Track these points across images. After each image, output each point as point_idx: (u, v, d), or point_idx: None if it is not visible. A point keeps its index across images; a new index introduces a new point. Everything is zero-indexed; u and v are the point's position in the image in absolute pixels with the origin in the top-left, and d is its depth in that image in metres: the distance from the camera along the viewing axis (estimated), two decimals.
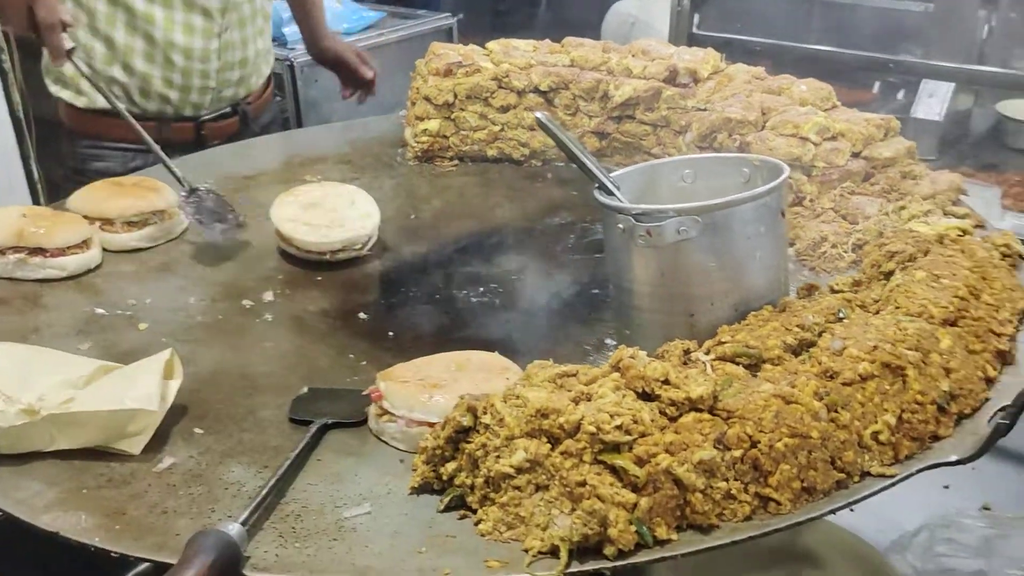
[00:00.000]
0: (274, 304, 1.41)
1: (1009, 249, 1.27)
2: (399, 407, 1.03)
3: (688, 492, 0.86)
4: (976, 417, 0.98)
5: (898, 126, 1.62)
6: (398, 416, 1.03)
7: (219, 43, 1.99)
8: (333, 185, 1.67)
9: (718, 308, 1.11)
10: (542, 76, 1.87)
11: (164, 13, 1.91)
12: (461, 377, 1.06)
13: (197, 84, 2.02)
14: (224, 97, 2.06)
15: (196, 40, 1.96)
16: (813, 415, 0.90)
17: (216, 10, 1.97)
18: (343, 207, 1.56)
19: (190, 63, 1.98)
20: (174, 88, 2.00)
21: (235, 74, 2.05)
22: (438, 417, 0.99)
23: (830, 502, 0.89)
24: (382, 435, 1.06)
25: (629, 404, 0.90)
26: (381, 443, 1.06)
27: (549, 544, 0.84)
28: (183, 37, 1.94)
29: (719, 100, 1.71)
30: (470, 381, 1.05)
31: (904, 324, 1.02)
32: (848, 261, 1.38)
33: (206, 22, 1.97)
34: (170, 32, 1.92)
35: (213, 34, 1.97)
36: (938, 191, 1.46)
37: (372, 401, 1.07)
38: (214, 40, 1.98)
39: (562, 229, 1.65)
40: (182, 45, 1.94)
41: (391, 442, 1.05)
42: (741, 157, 1.25)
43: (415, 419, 1.02)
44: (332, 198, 1.58)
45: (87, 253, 1.49)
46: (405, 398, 1.03)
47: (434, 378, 1.06)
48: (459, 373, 1.07)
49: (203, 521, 0.93)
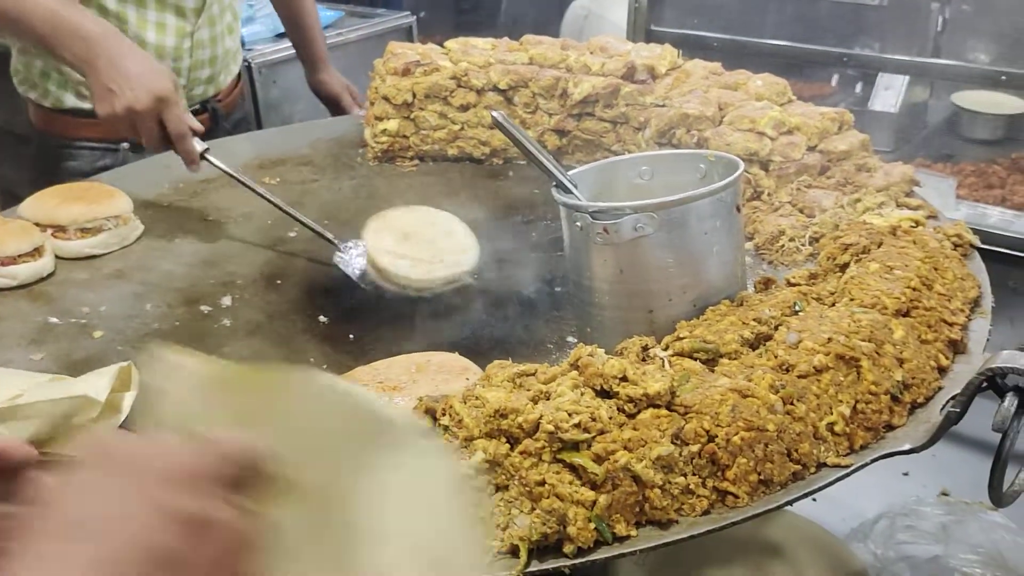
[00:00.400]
0: (232, 309, 1.40)
1: (960, 239, 1.29)
2: None
3: (646, 488, 0.86)
4: (929, 406, 1.00)
5: (852, 119, 1.64)
6: None
7: (191, 41, 1.98)
8: (425, 211, 1.55)
9: (676, 303, 1.12)
10: (501, 75, 1.87)
11: (137, 12, 1.90)
12: (421, 379, 1.06)
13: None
14: (194, 96, 2.06)
15: (168, 39, 1.95)
16: (769, 408, 0.91)
17: (190, 9, 1.95)
18: (440, 238, 1.45)
19: (162, 62, 1.96)
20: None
21: (205, 72, 2.05)
22: None
23: (787, 494, 0.90)
24: None
25: (587, 402, 0.90)
26: None
27: (509, 544, 0.84)
28: (155, 35, 1.93)
29: (677, 96, 1.72)
30: (430, 383, 1.05)
31: (858, 316, 1.03)
32: (805, 254, 1.40)
33: (179, 20, 1.96)
34: (143, 31, 1.91)
35: (186, 33, 1.96)
36: (891, 183, 1.48)
37: None
38: (186, 39, 1.97)
39: (524, 227, 1.65)
40: (154, 43, 1.93)
41: None
42: (697, 153, 1.26)
43: None
44: (427, 227, 1.47)
45: (39, 261, 1.46)
46: None
47: (393, 380, 1.05)
48: (419, 375, 1.07)
49: None
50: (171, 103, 1.56)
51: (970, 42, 2.88)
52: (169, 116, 1.56)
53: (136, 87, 1.53)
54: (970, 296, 1.17)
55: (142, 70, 1.55)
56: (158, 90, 1.54)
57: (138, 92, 1.53)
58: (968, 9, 2.87)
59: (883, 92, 2.89)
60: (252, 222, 1.68)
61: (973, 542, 1.27)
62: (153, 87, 1.54)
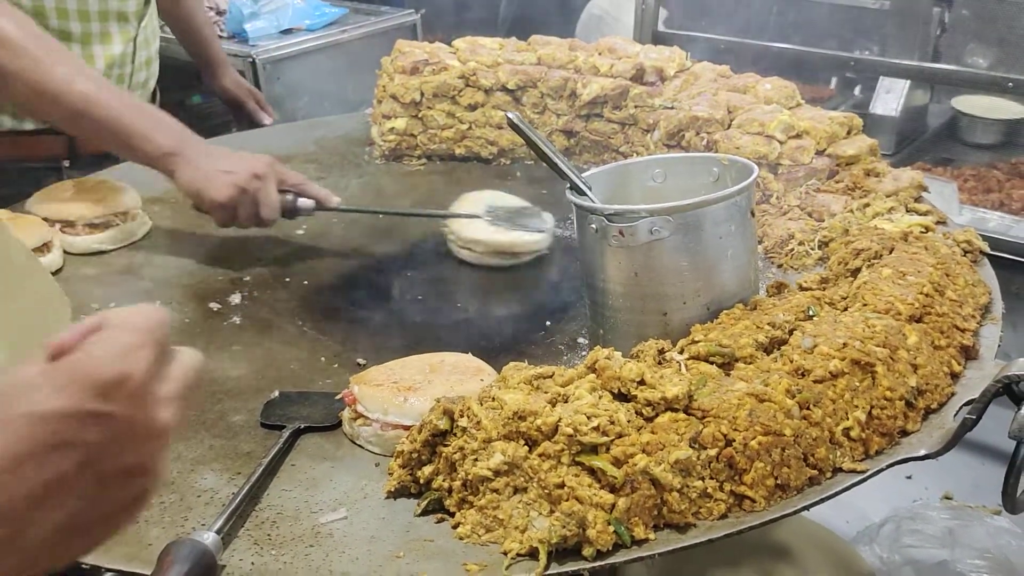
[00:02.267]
0: (242, 307, 1.39)
1: (970, 245, 1.30)
2: (373, 410, 1.03)
3: (665, 491, 0.86)
4: (943, 412, 1.00)
5: (860, 124, 1.65)
6: (372, 419, 1.03)
7: (134, 46, 1.96)
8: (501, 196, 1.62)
9: (690, 307, 1.12)
10: (509, 74, 1.87)
11: (81, 26, 1.87)
12: (435, 379, 1.06)
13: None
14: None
15: (115, 46, 1.92)
16: (786, 413, 0.91)
17: (133, 14, 1.93)
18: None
19: (110, 70, 1.94)
20: None
21: (143, 75, 2.03)
22: (413, 420, 0.99)
23: (803, 498, 0.90)
24: (357, 439, 1.05)
25: (606, 405, 0.90)
26: (356, 447, 1.05)
27: (528, 546, 0.85)
28: (101, 48, 1.90)
29: (686, 98, 1.72)
30: (444, 383, 1.05)
31: (872, 321, 1.04)
32: (815, 258, 1.40)
33: (122, 27, 1.93)
34: (88, 45, 1.88)
35: (130, 38, 1.94)
36: (900, 188, 1.48)
37: (346, 405, 1.06)
38: (130, 44, 1.95)
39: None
40: (103, 55, 1.90)
41: (366, 446, 1.04)
42: (710, 157, 1.26)
43: (390, 422, 1.02)
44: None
45: (47, 256, 1.45)
46: (379, 401, 1.03)
47: (408, 381, 1.05)
48: (433, 375, 1.07)
49: (176, 530, 0.91)
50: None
51: (970, 46, 2.90)
52: (263, 207, 1.48)
53: (247, 159, 1.48)
54: (981, 302, 1.17)
55: (231, 151, 1.51)
56: (265, 158, 1.50)
57: (250, 162, 1.47)
58: (967, 14, 2.88)
59: (884, 95, 2.90)
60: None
61: (980, 547, 1.28)
62: (259, 158, 1.50)
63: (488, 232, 1.50)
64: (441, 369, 1.08)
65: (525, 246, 1.50)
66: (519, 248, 1.50)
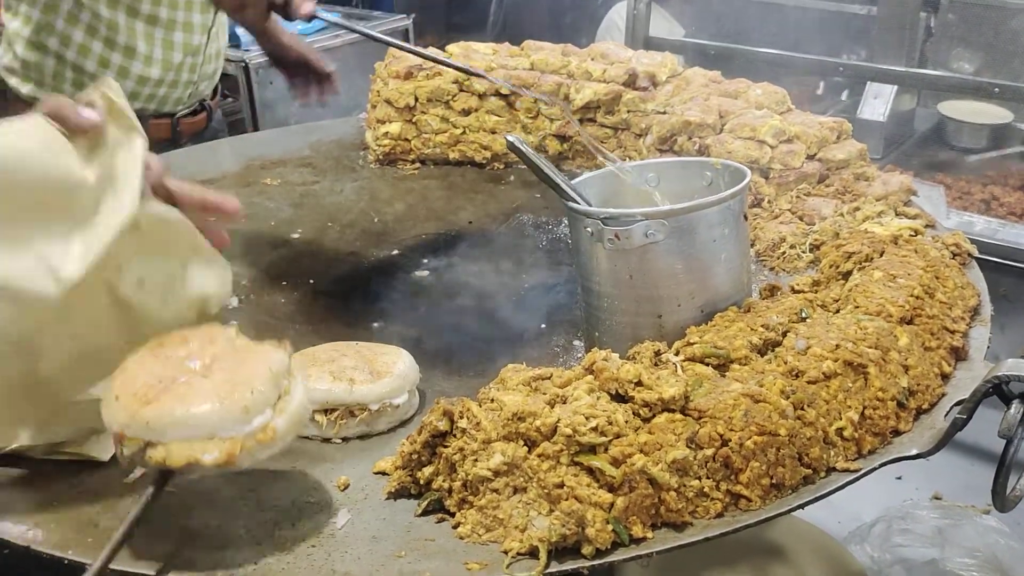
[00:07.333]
0: (239, 310, 1.40)
1: (959, 248, 1.32)
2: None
3: (662, 491, 0.88)
4: (933, 412, 1.02)
5: (850, 129, 1.67)
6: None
7: (207, 37, 2.00)
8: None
9: (685, 309, 1.13)
10: (503, 79, 1.88)
11: (168, 13, 1.94)
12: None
13: (184, 78, 2.06)
14: (199, 92, 2.09)
15: (195, 36, 1.99)
16: (781, 413, 0.93)
17: (210, 5, 1.99)
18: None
19: (184, 58, 2.01)
20: (164, 85, 2.03)
21: (211, 67, 2.07)
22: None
23: (798, 497, 0.92)
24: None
25: (604, 406, 0.92)
26: (357, 449, 1.06)
27: (528, 545, 0.86)
28: (182, 35, 1.97)
29: (678, 103, 1.74)
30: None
31: (864, 323, 1.05)
32: (806, 261, 1.42)
33: (204, 17, 2.00)
34: (172, 31, 1.94)
35: (207, 28, 2.00)
36: (890, 192, 1.50)
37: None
38: (206, 34, 2.02)
39: (525, 231, 1.67)
40: (181, 42, 1.97)
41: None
42: (704, 161, 1.28)
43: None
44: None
45: None
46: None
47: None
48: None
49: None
50: None
51: (956, 51, 2.93)
52: None
53: None
54: (970, 304, 1.20)
55: None
56: None
57: None
58: (954, 19, 2.92)
59: (872, 101, 2.93)
60: (255, 222, 1.68)
61: (969, 546, 1.30)
62: None
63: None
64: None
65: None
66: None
